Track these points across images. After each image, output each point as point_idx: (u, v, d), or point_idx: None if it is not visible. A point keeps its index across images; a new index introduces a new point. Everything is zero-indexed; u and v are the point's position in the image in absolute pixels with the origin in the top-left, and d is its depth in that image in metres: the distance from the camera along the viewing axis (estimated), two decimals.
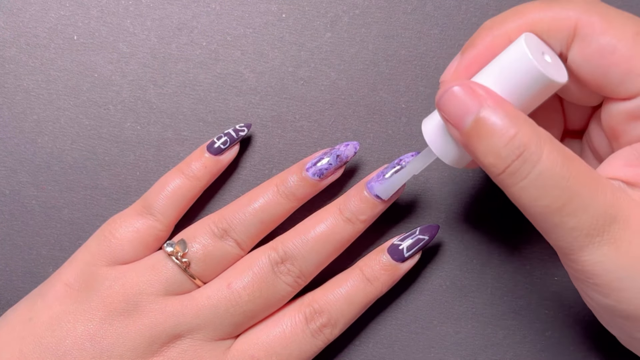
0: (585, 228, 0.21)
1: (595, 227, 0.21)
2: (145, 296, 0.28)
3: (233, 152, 0.31)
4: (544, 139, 0.22)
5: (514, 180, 0.22)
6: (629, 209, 0.22)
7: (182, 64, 0.32)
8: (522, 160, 0.21)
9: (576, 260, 0.22)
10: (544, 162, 0.21)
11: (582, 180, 0.21)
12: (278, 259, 0.29)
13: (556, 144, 0.22)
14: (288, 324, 0.29)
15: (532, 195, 0.22)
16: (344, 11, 0.33)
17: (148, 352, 0.27)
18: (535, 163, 0.21)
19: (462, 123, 0.22)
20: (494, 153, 0.22)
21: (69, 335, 0.27)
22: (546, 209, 0.22)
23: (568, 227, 0.21)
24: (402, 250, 0.29)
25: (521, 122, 0.22)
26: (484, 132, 0.22)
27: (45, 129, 0.32)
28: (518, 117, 0.22)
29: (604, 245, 0.21)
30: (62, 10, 0.32)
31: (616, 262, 0.21)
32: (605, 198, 0.21)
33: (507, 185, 0.22)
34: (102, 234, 0.29)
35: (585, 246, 0.22)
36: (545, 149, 0.21)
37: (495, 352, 0.31)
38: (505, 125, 0.22)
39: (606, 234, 0.21)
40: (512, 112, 0.22)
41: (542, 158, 0.21)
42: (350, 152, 0.30)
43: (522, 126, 0.22)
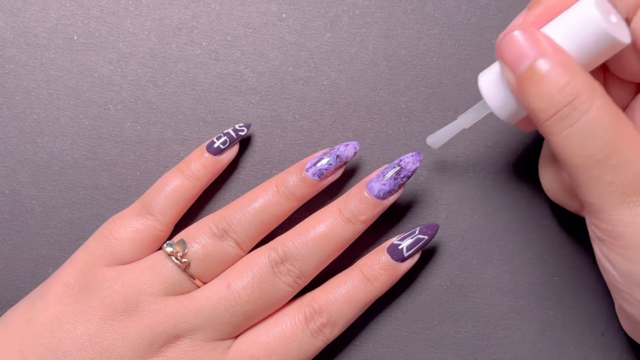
0: (623, 185, 0.21)
1: (633, 186, 0.21)
2: (145, 296, 0.28)
3: (233, 152, 0.31)
4: (597, 91, 0.22)
5: (561, 127, 0.22)
6: None
7: (182, 64, 0.32)
8: (572, 107, 0.22)
9: (607, 220, 0.22)
10: (594, 112, 0.21)
11: (628, 138, 0.22)
12: (278, 259, 0.29)
13: (608, 99, 0.22)
14: (288, 324, 0.29)
15: (576, 144, 0.22)
16: (344, 11, 0.33)
17: (148, 352, 0.27)
18: (585, 111, 0.21)
19: (519, 66, 0.23)
20: (546, 97, 0.22)
21: (68, 335, 0.27)
22: (587, 161, 0.22)
23: (606, 182, 0.22)
24: (402, 249, 0.29)
25: (577, 72, 0.22)
26: (539, 77, 0.22)
27: (45, 129, 0.32)
28: (574, 67, 0.22)
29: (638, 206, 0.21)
30: (62, 10, 0.32)
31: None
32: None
33: (553, 132, 0.22)
34: (101, 234, 0.29)
35: (620, 204, 0.22)
36: (597, 101, 0.22)
37: (495, 352, 0.31)
38: (560, 72, 0.22)
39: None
40: (569, 61, 0.22)
41: (592, 108, 0.21)
42: (350, 152, 0.30)
43: (577, 75, 0.22)
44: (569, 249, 0.32)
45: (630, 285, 0.23)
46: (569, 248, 0.32)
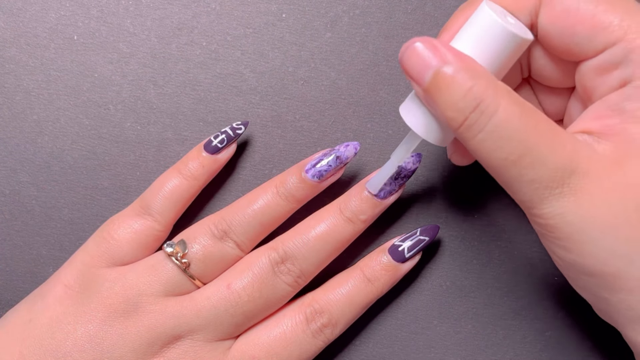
0: (544, 180, 0.21)
1: (554, 179, 0.21)
2: (145, 297, 0.28)
3: (230, 151, 0.31)
4: (501, 91, 0.22)
5: (472, 133, 0.22)
6: (589, 162, 0.22)
7: (182, 64, 0.32)
8: (478, 112, 0.22)
9: (538, 214, 0.22)
10: (501, 114, 0.21)
11: (541, 133, 0.22)
12: (278, 259, 0.29)
13: (514, 96, 0.22)
14: (289, 324, 0.29)
15: (489, 147, 0.22)
16: (344, 11, 0.33)
17: (148, 353, 0.27)
18: (491, 115, 0.21)
19: (422, 78, 0.23)
20: (452, 106, 0.22)
21: (69, 336, 0.27)
22: (504, 162, 0.22)
23: (527, 180, 0.22)
24: (403, 251, 0.29)
25: (479, 75, 0.22)
26: (443, 86, 0.22)
27: (45, 129, 0.32)
28: (476, 70, 0.22)
29: (564, 197, 0.21)
30: (62, 10, 0.32)
31: (576, 214, 0.22)
32: (564, 150, 0.22)
33: (466, 138, 0.22)
34: (100, 235, 0.29)
35: (545, 198, 0.22)
36: (503, 102, 0.22)
37: (495, 352, 0.31)
38: (462, 78, 0.22)
39: (566, 186, 0.21)
40: (470, 65, 0.22)
41: (498, 110, 0.21)
42: (351, 153, 0.30)
43: (480, 79, 0.22)
44: None
45: (578, 275, 0.23)
46: None
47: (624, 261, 0.22)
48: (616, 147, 0.22)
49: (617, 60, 0.23)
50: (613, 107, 0.23)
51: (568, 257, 0.23)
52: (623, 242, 0.21)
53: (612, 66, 0.23)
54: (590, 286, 0.23)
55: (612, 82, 0.23)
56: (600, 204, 0.21)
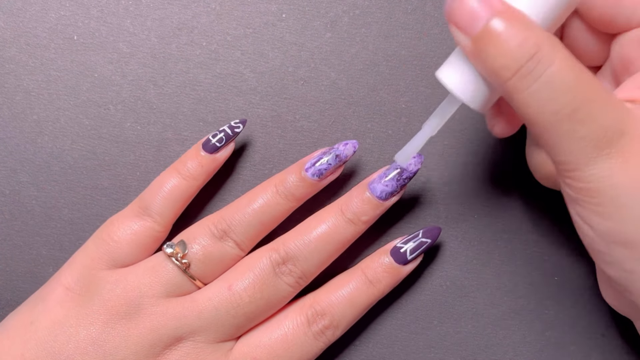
0: (594, 138, 0.21)
1: (605, 139, 0.21)
2: (146, 299, 0.28)
3: (229, 150, 0.31)
4: (558, 44, 0.21)
5: (526, 83, 0.21)
6: (637, 125, 0.21)
7: (182, 64, 0.32)
8: (535, 60, 0.21)
9: (581, 177, 0.22)
10: (557, 65, 0.21)
11: (594, 90, 0.21)
12: (279, 260, 0.29)
13: (569, 53, 0.21)
14: (290, 326, 0.29)
15: (543, 99, 0.21)
16: (344, 11, 0.33)
17: (150, 355, 0.27)
18: (548, 64, 0.21)
19: (473, 27, 0.22)
20: (507, 54, 0.21)
21: (71, 339, 0.27)
22: (556, 116, 0.21)
23: (577, 136, 0.21)
24: (405, 253, 0.29)
25: (534, 26, 0.21)
26: (496, 34, 0.21)
27: (45, 129, 0.32)
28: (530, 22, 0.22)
29: (612, 158, 0.21)
30: (62, 10, 0.32)
31: (624, 176, 0.21)
32: (616, 111, 0.21)
33: (517, 89, 0.21)
34: (100, 236, 0.29)
35: (593, 158, 0.21)
36: (560, 54, 0.21)
37: (495, 352, 0.31)
38: (518, 27, 0.21)
39: (614, 147, 0.21)
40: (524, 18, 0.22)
41: (555, 61, 0.21)
42: (350, 151, 0.30)
43: (536, 29, 0.21)
44: (569, 249, 0.32)
45: (609, 245, 0.23)
46: (569, 248, 0.32)
47: None
48: None
49: None
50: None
51: (605, 226, 0.22)
52: None
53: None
54: (623, 259, 0.22)
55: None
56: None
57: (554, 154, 0.22)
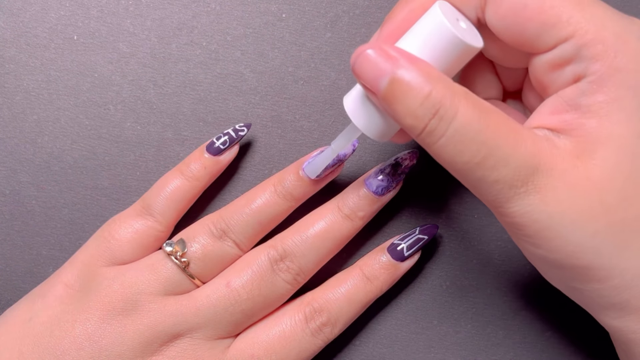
0: (507, 180, 0.21)
1: (518, 178, 0.21)
2: (144, 295, 0.28)
3: (233, 153, 0.31)
4: (459, 94, 0.22)
5: (433, 139, 0.22)
6: (551, 157, 0.22)
7: (182, 64, 0.32)
8: (438, 118, 0.21)
9: (505, 213, 0.22)
10: (460, 118, 0.21)
11: (501, 133, 0.21)
12: (277, 257, 0.29)
13: (472, 98, 0.22)
14: (288, 323, 0.29)
15: (451, 152, 0.22)
16: (344, 11, 0.33)
17: (147, 351, 0.27)
18: (451, 120, 0.21)
19: (377, 86, 0.22)
20: (411, 114, 0.22)
21: (67, 335, 0.27)
22: (467, 165, 0.22)
23: (490, 181, 0.22)
24: (402, 249, 0.29)
25: (435, 79, 0.22)
26: (400, 93, 0.22)
27: (45, 129, 0.32)
28: (431, 74, 0.22)
29: (529, 195, 0.22)
30: (62, 10, 0.32)
31: (543, 211, 0.22)
32: (526, 148, 0.22)
33: (427, 144, 0.22)
34: (101, 234, 0.29)
35: (511, 197, 0.22)
36: (461, 105, 0.21)
37: (495, 352, 0.31)
38: (419, 83, 0.22)
39: (530, 184, 0.21)
40: (425, 69, 0.22)
41: (457, 114, 0.21)
42: (349, 150, 0.30)
43: (437, 83, 0.22)
44: None
45: (549, 268, 0.24)
46: None
47: (593, 254, 0.22)
48: (576, 142, 0.22)
49: (569, 56, 0.22)
50: (569, 102, 0.23)
51: (538, 253, 0.23)
52: (590, 236, 0.22)
53: (565, 62, 0.23)
54: (561, 278, 0.24)
55: (566, 77, 0.23)
56: (565, 200, 0.22)
57: (477, 195, 0.23)
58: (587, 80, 0.22)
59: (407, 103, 0.22)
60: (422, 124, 0.22)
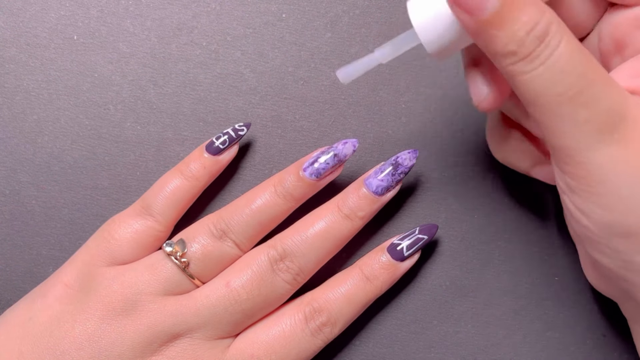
0: (597, 122, 0.20)
1: (607, 123, 0.20)
2: (144, 296, 0.28)
3: (232, 152, 0.31)
4: (563, 26, 0.21)
5: (532, 66, 0.21)
6: (637, 111, 0.21)
7: (182, 64, 0.32)
8: (544, 45, 0.20)
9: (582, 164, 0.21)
10: (563, 47, 0.20)
11: (597, 71, 0.21)
12: (277, 257, 0.29)
13: (572, 34, 0.21)
14: (288, 323, 0.29)
15: (547, 81, 0.21)
16: (344, 11, 0.33)
17: (147, 351, 0.27)
18: (555, 47, 0.20)
19: (481, 10, 0.21)
20: (517, 40, 0.21)
21: (67, 335, 0.27)
22: (559, 98, 0.20)
23: (580, 119, 0.20)
24: (402, 249, 0.29)
25: (544, 7, 0.21)
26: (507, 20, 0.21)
27: (45, 129, 0.32)
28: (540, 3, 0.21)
29: (614, 144, 0.20)
30: (62, 10, 0.32)
31: (627, 163, 0.20)
32: (618, 92, 0.21)
33: (522, 71, 0.21)
34: (101, 234, 0.29)
35: (597, 143, 0.20)
36: (565, 35, 0.21)
37: (495, 352, 0.31)
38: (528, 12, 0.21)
39: (616, 133, 0.20)
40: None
41: (562, 43, 0.20)
42: (349, 151, 0.30)
43: (545, 10, 0.21)
44: (569, 249, 0.32)
45: (609, 237, 0.22)
46: (569, 248, 0.32)
47: None
48: None
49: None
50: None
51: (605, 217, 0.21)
52: None
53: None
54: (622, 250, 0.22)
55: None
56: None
57: (554, 138, 0.22)
58: None
59: (515, 29, 0.21)
60: (527, 51, 0.21)
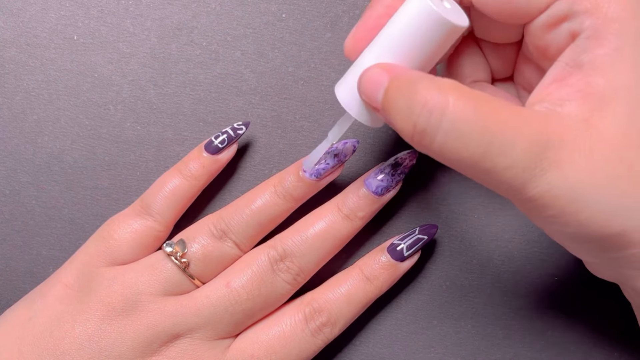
0: (519, 163, 0.20)
1: (530, 159, 0.20)
2: (144, 296, 0.28)
3: (231, 151, 0.31)
4: (445, 87, 0.21)
5: (430, 138, 0.21)
6: (559, 129, 0.21)
7: (182, 64, 0.32)
8: (427, 114, 0.21)
9: (525, 199, 0.21)
10: (452, 111, 0.20)
11: (500, 117, 0.21)
12: (277, 257, 0.29)
13: (463, 89, 0.21)
14: (288, 323, 0.29)
15: (453, 148, 0.21)
16: (344, 11, 0.33)
17: (147, 351, 0.27)
18: (442, 114, 0.21)
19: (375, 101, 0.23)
20: (403, 117, 0.21)
21: (67, 335, 0.27)
22: (473, 158, 0.21)
23: (501, 169, 0.21)
24: (402, 249, 0.29)
25: (418, 79, 0.21)
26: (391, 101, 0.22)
27: (45, 129, 0.32)
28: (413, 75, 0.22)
29: (546, 173, 0.20)
30: (62, 10, 0.32)
31: (564, 185, 0.21)
32: (531, 127, 0.21)
33: (426, 146, 0.21)
34: (100, 234, 0.29)
35: (528, 180, 0.21)
36: (451, 97, 0.21)
37: (495, 352, 0.31)
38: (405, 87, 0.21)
39: (544, 161, 0.20)
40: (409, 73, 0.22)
41: (448, 107, 0.21)
42: (349, 150, 0.30)
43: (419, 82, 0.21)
44: None
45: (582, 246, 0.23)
46: None
47: (625, 217, 0.21)
48: (582, 104, 0.21)
49: (562, 14, 0.22)
50: (571, 64, 0.22)
51: (568, 232, 0.22)
52: (619, 197, 0.21)
53: (559, 19, 0.22)
54: (595, 251, 0.23)
55: (563, 35, 0.23)
56: (583, 168, 0.21)
57: (492, 188, 0.22)
58: (584, 36, 0.22)
59: (398, 107, 0.22)
60: (412, 123, 0.21)
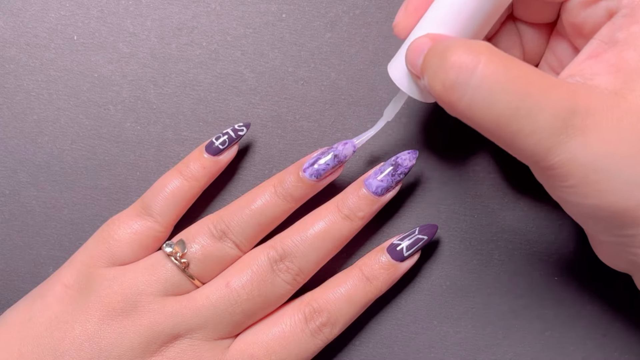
0: (546, 128, 0.21)
1: (556, 124, 0.21)
2: (144, 296, 0.28)
3: (232, 152, 0.31)
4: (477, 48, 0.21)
5: (458, 94, 0.21)
6: (588, 98, 0.21)
7: (182, 64, 0.32)
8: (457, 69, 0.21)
9: (548, 166, 0.21)
10: (483, 69, 0.21)
11: (530, 81, 0.21)
12: (277, 257, 0.29)
13: (495, 51, 0.21)
14: (287, 323, 0.29)
15: (480, 106, 0.21)
16: (344, 11, 0.33)
17: (147, 352, 0.27)
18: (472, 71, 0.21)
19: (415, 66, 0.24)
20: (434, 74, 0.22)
21: (67, 335, 0.27)
22: (500, 119, 0.21)
23: (528, 132, 0.21)
24: (402, 249, 0.29)
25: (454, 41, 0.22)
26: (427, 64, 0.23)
27: (45, 129, 0.32)
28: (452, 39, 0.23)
29: (571, 140, 0.21)
30: (62, 10, 0.32)
31: (588, 153, 0.21)
32: (560, 92, 0.21)
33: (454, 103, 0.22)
34: (100, 235, 0.29)
35: (552, 146, 0.21)
36: (483, 57, 0.21)
37: (495, 352, 0.31)
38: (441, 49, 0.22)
39: (570, 128, 0.21)
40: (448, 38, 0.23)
41: (479, 65, 0.21)
42: (349, 151, 0.30)
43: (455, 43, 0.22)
44: (569, 249, 0.32)
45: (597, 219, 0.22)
46: (569, 248, 0.32)
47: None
48: (614, 78, 0.22)
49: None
50: (606, 40, 0.23)
51: (587, 204, 0.22)
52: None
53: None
54: (612, 228, 0.22)
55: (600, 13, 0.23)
56: (609, 138, 0.21)
57: (514, 153, 0.22)
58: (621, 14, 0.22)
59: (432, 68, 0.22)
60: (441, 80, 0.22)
